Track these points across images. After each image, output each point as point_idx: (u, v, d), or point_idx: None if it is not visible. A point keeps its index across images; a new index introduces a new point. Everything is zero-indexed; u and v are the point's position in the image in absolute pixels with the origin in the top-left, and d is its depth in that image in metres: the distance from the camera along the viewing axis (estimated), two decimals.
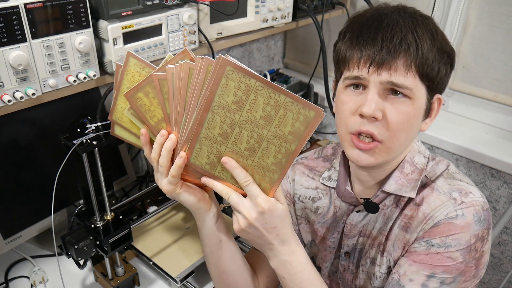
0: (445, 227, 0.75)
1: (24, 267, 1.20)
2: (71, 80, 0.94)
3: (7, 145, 1.12)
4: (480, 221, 0.74)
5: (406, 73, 0.71)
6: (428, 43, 0.72)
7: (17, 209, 1.17)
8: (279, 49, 2.04)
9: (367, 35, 0.73)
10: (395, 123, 0.73)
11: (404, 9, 0.76)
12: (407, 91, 0.72)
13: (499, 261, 1.67)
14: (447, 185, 0.79)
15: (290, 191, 1.02)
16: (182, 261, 1.15)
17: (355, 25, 0.76)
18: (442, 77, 0.76)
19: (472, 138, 1.59)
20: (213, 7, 1.18)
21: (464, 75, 1.64)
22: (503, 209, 1.57)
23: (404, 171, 0.82)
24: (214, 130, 0.66)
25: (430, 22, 0.75)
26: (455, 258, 0.74)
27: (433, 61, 0.72)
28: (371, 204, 0.85)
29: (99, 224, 1.03)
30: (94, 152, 0.96)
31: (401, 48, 0.70)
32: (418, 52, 0.71)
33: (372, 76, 0.72)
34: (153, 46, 1.08)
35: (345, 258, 0.95)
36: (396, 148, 0.77)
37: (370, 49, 0.71)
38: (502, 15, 1.48)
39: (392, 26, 0.72)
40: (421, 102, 0.75)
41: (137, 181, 1.51)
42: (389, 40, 0.71)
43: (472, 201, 0.76)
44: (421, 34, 0.72)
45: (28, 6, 0.83)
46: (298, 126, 0.63)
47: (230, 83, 0.63)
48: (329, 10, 1.57)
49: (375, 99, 0.72)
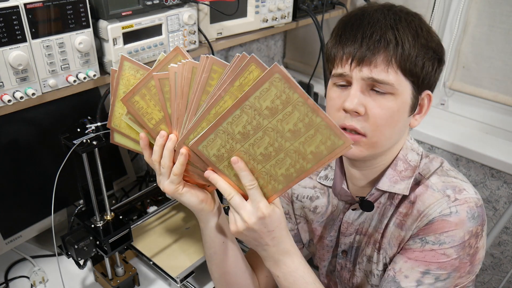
0: (439, 224, 0.76)
1: (24, 267, 1.20)
2: (71, 80, 0.94)
3: (7, 145, 1.12)
4: (474, 218, 0.75)
5: (386, 68, 0.72)
6: (410, 40, 0.73)
7: (17, 209, 1.17)
8: (279, 49, 2.04)
9: (349, 33, 0.75)
10: (377, 118, 0.75)
11: (389, 7, 0.77)
12: (388, 87, 0.73)
13: (499, 261, 1.67)
14: (441, 182, 0.80)
15: (289, 192, 1.03)
16: (182, 261, 1.15)
17: (341, 24, 0.79)
18: (428, 72, 0.76)
19: (472, 138, 1.59)
20: (213, 7, 1.18)
21: (464, 75, 1.64)
22: (503, 209, 1.57)
23: (397, 169, 0.83)
24: (237, 127, 0.66)
25: (415, 19, 0.76)
26: (449, 254, 0.75)
27: (416, 57, 0.73)
28: (366, 202, 0.86)
29: (99, 224, 1.03)
30: (94, 152, 0.96)
31: (380, 44, 0.72)
32: (398, 49, 0.72)
33: (354, 72, 0.74)
34: (153, 46, 1.08)
35: (342, 256, 0.95)
36: (382, 143, 0.78)
37: (351, 46, 0.74)
38: (502, 15, 1.48)
39: (372, 24, 0.73)
40: (405, 97, 0.75)
41: (137, 181, 1.51)
42: (368, 37, 0.72)
43: (466, 198, 0.77)
44: (402, 31, 0.73)
45: (28, 6, 0.83)
46: (322, 149, 0.63)
47: (273, 89, 0.62)
48: (329, 10, 1.57)
49: (358, 95, 0.74)
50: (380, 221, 0.86)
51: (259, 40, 1.87)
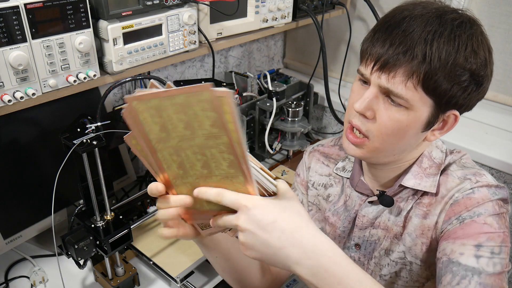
0: (465, 202, 0.77)
1: (24, 267, 1.20)
2: (71, 80, 0.94)
3: (7, 145, 1.12)
4: (496, 194, 0.76)
5: (405, 82, 0.70)
6: (442, 58, 0.67)
7: (17, 209, 1.17)
8: (279, 49, 2.04)
9: (382, 34, 0.72)
10: (383, 126, 0.74)
11: (442, 13, 0.70)
12: (402, 102, 0.72)
13: None
14: (461, 171, 0.82)
15: (305, 178, 1.03)
16: (182, 261, 1.15)
17: (382, 19, 0.76)
18: (457, 95, 0.71)
19: (472, 138, 1.59)
20: (213, 7, 1.18)
21: None
22: None
23: (423, 166, 0.83)
24: (172, 166, 0.60)
25: (464, 33, 0.69)
26: (490, 223, 0.74)
27: (444, 78, 0.69)
28: (386, 198, 0.85)
29: (99, 224, 1.03)
30: (94, 152, 0.96)
31: (404, 58, 0.69)
32: (424, 65, 0.68)
33: (373, 76, 0.73)
34: (153, 46, 1.08)
35: (355, 250, 0.94)
36: (385, 150, 0.78)
37: (378, 49, 0.72)
38: (502, 15, 1.48)
39: (405, 33, 0.69)
40: (420, 114, 0.73)
41: (137, 181, 1.51)
42: (395, 46, 0.69)
43: (486, 181, 0.78)
44: (437, 47, 0.67)
45: (28, 6, 0.83)
46: (210, 115, 0.53)
47: (145, 115, 0.55)
48: (329, 10, 1.57)
49: (369, 98, 0.74)
50: (399, 214, 0.86)
51: (259, 40, 1.87)
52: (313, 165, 1.02)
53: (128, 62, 1.05)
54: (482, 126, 1.63)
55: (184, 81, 1.28)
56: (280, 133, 1.60)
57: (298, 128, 1.56)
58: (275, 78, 1.72)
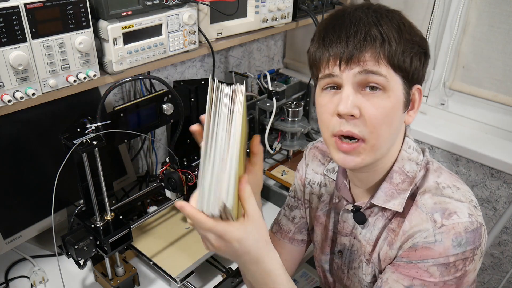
0: (423, 252, 0.75)
1: (24, 267, 1.20)
2: (71, 80, 0.94)
3: (7, 145, 1.12)
4: (461, 245, 0.72)
5: (377, 64, 0.71)
6: (395, 35, 0.71)
7: (17, 209, 1.17)
8: (279, 49, 2.04)
9: (332, 34, 0.73)
10: (373, 118, 0.72)
11: (369, 6, 0.76)
12: (381, 79, 0.71)
13: (499, 261, 1.67)
14: (432, 204, 0.77)
15: (303, 175, 1.03)
16: (182, 261, 1.15)
17: (321, 27, 0.77)
18: (417, 67, 0.75)
19: (472, 138, 1.59)
20: (213, 7, 1.18)
21: (464, 75, 1.64)
22: (503, 209, 1.57)
23: (393, 181, 0.81)
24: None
25: (395, 16, 0.74)
26: (432, 273, 0.74)
27: (403, 52, 0.72)
28: (360, 215, 0.85)
29: (99, 224, 1.03)
30: (94, 152, 0.96)
31: (366, 42, 0.70)
32: (385, 44, 0.71)
33: (344, 73, 0.72)
34: (153, 46, 1.08)
35: (338, 256, 0.95)
36: (381, 144, 0.76)
37: (337, 47, 0.72)
38: (502, 15, 1.48)
39: (355, 22, 0.72)
40: (398, 93, 0.74)
41: (137, 181, 1.51)
42: (353, 36, 0.71)
43: (453, 224, 0.73)
44: (386, 27, 0.71)
45: (28, 6, 0.83)
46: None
47: None
48: (329, 10, 1.57)
49: (350, 96, 0.72)
50: (371, 232, 0.85)
51: (259, 40, 1.87)
52: (311, 162, 1.02)
53: (128, 62, 1.05)
54: (482, 126, 1.63)
55: (184, 81, 1.28)
56: (280, 133, 1.60)
57: (298, 128, 1.56)
58: (275, 78, 1.72)
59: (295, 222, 1.04)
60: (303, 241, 1.05)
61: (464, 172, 1.62)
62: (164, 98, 1.13)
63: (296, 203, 1.04)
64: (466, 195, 0.78)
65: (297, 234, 1.04)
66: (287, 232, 1.04)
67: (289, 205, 1.06)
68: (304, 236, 1.05)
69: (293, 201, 1.05)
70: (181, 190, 1.19)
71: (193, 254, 1.18)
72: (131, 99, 1.48)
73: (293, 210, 1.04)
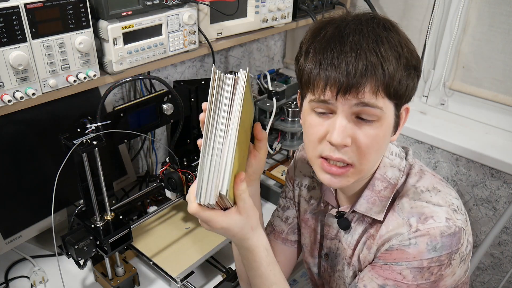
0: (398, 254, 0.75)
1: (24, 267, 1.20)
2: (71, 80, 0.94)
3: (7, 145, 1.12)
4: (436, 249, 0.72)
5: (374, 96, 0.69)
6: (394, 63, 0.69)
7: (17, 209, 1.17)
8: (279, 49, 2.04)
9: (330, 59, 0.70)
10: (364, 147, 0.72)
11: (367, 23, 0.72)
12: (377, 111, 0.70)
13: (499, 261, 1.67)
14: (409, 208, 0.77)
15: (292, 177, 1.03)
16: (182, 261, 1.15)
17: (316, 45, 0.73)
18: (410, 90, 0.74)
19: (472, 138, 1.59)
20: (213, 7, 1.18)
21: (464, 75, 1.64)
22: (503, 209, 1.57)
23: (375, 189, 0.81)
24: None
25: (393, 36, 0.71)
26: (405, 275, 0.74)
27: (400, 80, 0.70)
28: (344, 221, 0.86)
29: (99, 224, 1.03)
30: (94, 152, 0.96)
31: (367, 73, 0.68)
32: (385, 75, 0.68)
33: (340, 102, 0.70)
34: (153, 46, 1.08)
35: (324, 259, 0.96)
36: (368, 169, 0.77)
37: (335, 73, 0.69)
38: (502, 15, 1.48)
39: (356, 51, 0.68)
40: (389, 120, 0.73)
41: (137, 181, 1.51)
42: (354, 66, 0.68)
43: (428, 229, 0.73)
44: (386, 54, 0.69)
45: (28, 6, 0.83)
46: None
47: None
48: (329, 10, 1.57)
49: (344, 126, 0.70)
50: (352, 236, 0.86)
51: (259, 40, 1.87)
52: (299, 164, 1.02)
53: (128, 62, 1.05)
54: (482, 126, 1.63)
55: (184, 81, 1.28)
56: (280, 133, 1.60)
57: (298, 128, 1.56)
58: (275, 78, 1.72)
59: (288, 223, 1.04)
60: (296, 241, 1.05)
61: (464, 172, 1.62)
62: (164, 98, 1.13)
63: (289, 203, 1.04)
64: (446, 199, 0.78)
65: (290, 235, 1.04)
66: (280, 233, 1.04)
67: (281, 206, 1.06)
68: (297, 237, 1.05)
69: (285, 201, 1.05)
70: (181, 190, 1.19)
71: (193, 254, 1.18)
72: (131, 99, 1.48)
73: (286, 210, 1.04)
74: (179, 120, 1.14)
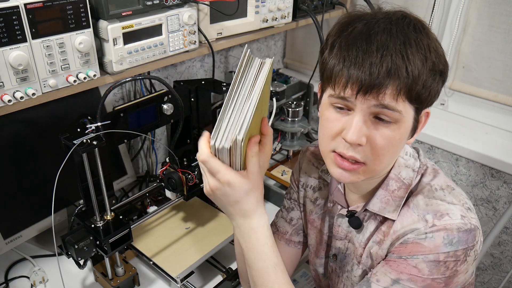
0: (413, 247, 0.74)
1: (24, 267, 1.20)
2: (71, 80, 0.94)
3: (7, 145, 1.12)
4: (452, 244, 0.72)
5: (395, 100, 0.68)
6: (419, 66, 0.68)
7: (17, 209, 1.17)
8: (279, 49, 2.04)
9: (355, 58, 0.68)
10: (379, 148, 0.71)
11: (397, 22, 0.70)
12: (396, 115, 0.69)
13: (499, 261, 1.67)
14: (424, 205, 0.77)
15: (297, 178, 1.03)
16: (182, 261, 1.15)
17: (343, 40, 0.72)
18: (433, 95, 0.73)
19: (472, 138, 1.59)
20: (213, 7, 1.18)
21: (464, 75, 1.64)
22: (503, 209, 1.57)
23: (389, 188, 0.81)
24: None
25: (423, 38, 0.70)
26: (421, 269, 0.73)
27: (424, 85, 0.69)
28: (355, 220, 0.85)
29: (99, 224, 1.03)
30: (94, 152, 0.96)
31: (390, 75, 0.67)
32: (409, 78, 0.67)
33: (359, 101, 0.69)
34: (153, 46, 1.08)
35: (333, 260, 0.95)
36: (381, 169, 0.76)
37: (358, 72, 0.68)
38: (502, 15, 1.48)
39: (382, 51, 0.67)
40: (408, 124, 0.73)
41: (137, 181, 1.51)
42: (378, 67, 0.67)
43: (445, 224, 0.73)
44: (412, 57, 0.68)
45: (28, 6, 0.83)
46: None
47: None
48: (329, 10, 1.57)
49: (360, 125, 0.70)
50: (364, 235, 0.85)
51: (259, 40, 1.87)
52: (305, 165, 1.02)
53: (128, 62, 1.05)
54: (482, 126, 1.63)
55: (184, 81, 1.28)
56: (280, 133, 1.60)
57: (298, 128, 1.56)
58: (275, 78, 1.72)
59: (293, 224, 1.04)
60: (299, 243, 1.05)
61: (464, 172, 1.62)
62: (164, 98, 1.13)
63: (293, 205, 1.04)
64: (459, 198, 0.78)
65: (294, 236, 1.04)
66: (283, 234, 1.04)
67: (286, 207, 1.06)
68: (301, 238, 1.04)
69: (290, 202, 1.05)
70: (181, 190, 1.19)
71: (193, 254, 1.18)
72: (131, 99, 1.48)
73: (290, 211, 1.04)
74: (179, 120, 1.14)
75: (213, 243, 1.21)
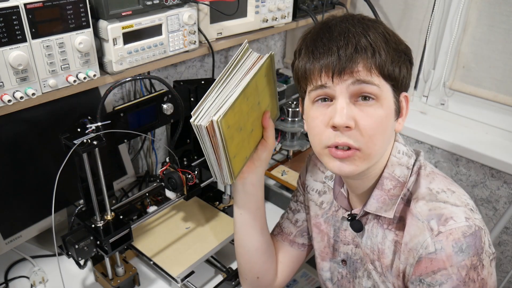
0: (428, 263, 0.74)
1: (24, 267, 1.20)
2: (71, 80, 0.94)
3: (7, 145, 1.12)
4: (463, 250, 0.71)
5: (369, 74, 0.71)
6: (383, 45, 0.72)
7: (17, 209, 1.17)
8: (279, 49, 2.04)
9: (321, 47, 0.73)
10: (369, 129, 0.72)
11: (352, 16, 0.77)
12: (375, 89, 0.72)
13: (499, 261, 1.67)
14: (427, 210, 0.76)
15: (303, 181, 1.04)
16: (182, 261, 1.15)
17: (307, 41, 0.76)
18: (405, 75, 0.77)
19: (472, 138, 1.59)
20: (213, 7, 1.18)
21: (464, 75, 1.64)
22: (503, 209, 1.57)
23: (385, 188, 0.81)
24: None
25: (380, 26, 0.75)
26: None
27: (392, 62, 0.73)
28: (356, 223, 0.86)
29: (99, 224, 1.03)
30: (94, 152, 0.96)
31: (358, 53, 0.71)
32: (376, 55, 0.71)
33: (337, 84, 0.72)
34: (153, 46, 1.08)
35: (342, 265, 0.94)
36: (376, 153, 0.76)
37: (328, 59, 0.72)
38: (502, 15, 1.48)
39: (344, 34, 0.72)
40: (389, 102, 0.75)
41: (137, 181, 1.51)
42: (344, 48, 0.71)
43: (450, 230, 0.72)
44: (374, 37, 0.72)
45: (28, 6, 0.83)
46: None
47: None
48: (329, 10, 1.57)
49: (344, 107, 0.72)
50: (371, 239, 0.85)
51: (259, 40, 1.87)
52: (310, 168, 1.02)
53: (128, 62, 1.05)
54: (482, 126, 1.63)
55: (184, 81, 1.27)
56: (280, 133, 1.60)
57: (298, 128, 1.56)
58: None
59: (298, 225, 1.04)
60: (303, 245, 1.04)
61: (464, 172, 1.62)
62: (164, 98, 1.13)
63: (299, 207, 1.04)
64: (461, 199, 0.78)
65: (298, 237, 1.04)
66: (288, 235, 1.04)
67: (292, 209, 1.06)
68: (305, 240, 1.04)
69: (296, 205, 1.05)
70: (181, 190, 1.19)
71: (193, 254, 1.18)
72: (131, 99, 1.48)
73: (296, 213, 1.05)
74: (179, 120, 1.14)
75: (213, 243, 1.21)
